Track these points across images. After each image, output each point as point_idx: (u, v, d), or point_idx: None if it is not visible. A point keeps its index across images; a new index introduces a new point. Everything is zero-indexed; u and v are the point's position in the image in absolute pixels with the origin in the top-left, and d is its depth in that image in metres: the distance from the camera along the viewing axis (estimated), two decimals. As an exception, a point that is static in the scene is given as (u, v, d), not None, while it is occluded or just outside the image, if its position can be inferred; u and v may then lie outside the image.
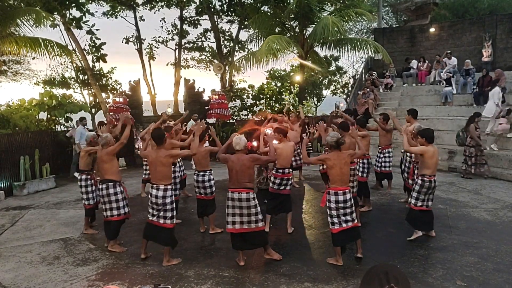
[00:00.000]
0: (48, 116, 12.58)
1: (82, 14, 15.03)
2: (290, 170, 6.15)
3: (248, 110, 16.55)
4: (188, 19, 19.64)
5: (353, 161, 6.20)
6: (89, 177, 6.26)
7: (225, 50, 19.49)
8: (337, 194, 4.74)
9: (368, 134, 7.10)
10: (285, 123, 8.90)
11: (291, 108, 14.00)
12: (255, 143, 6.73)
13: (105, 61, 16.21)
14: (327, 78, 22.63)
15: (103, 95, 15.73)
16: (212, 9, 18.42)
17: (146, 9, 18.98)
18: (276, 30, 16.21)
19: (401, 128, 6.78)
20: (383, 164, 7.93)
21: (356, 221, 4.90)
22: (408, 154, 7.10)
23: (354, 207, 4.90)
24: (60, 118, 12.79)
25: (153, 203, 4.96)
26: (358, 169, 6.60)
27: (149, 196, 5.01)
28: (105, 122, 8.70)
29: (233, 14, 18.90)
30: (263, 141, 6.07)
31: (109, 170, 5.37)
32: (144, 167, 8.43)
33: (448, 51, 14.32)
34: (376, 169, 8.02)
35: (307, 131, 9.55)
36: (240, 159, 4.77)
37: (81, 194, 6.36)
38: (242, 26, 18.76)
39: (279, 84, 17.78)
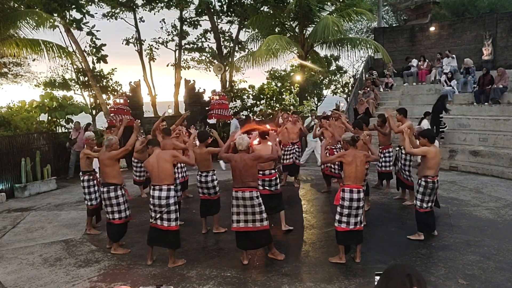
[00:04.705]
0: (49, 117, 12.58)
1: (82, 15, 15.03)
2: (272, 171, 6.09)
3: (248, 110, 16.53)
4: (188, 20, 19.61)
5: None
6: (91, 177, 6.29)
7: (225, 51, 19.46)
8: (352, 191, 4.76)
9: (370, 133, 7.11)
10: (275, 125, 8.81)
11: (291, 108, 14.00)
12: (255, 142, 6.74)
13: (106, 61, 16.20)
14: (327, 78, 22.59)
15: (104, 96, 15.70)
16: (212, 10, 18.39)
17: (146, 10, 18.96)
18: (276, 30, 16.20)
19: (396, 128, 6.77)
20: (383, 164, 7.93)
21: (362, 224, 4.88)
22: (403, 151, 7.10)
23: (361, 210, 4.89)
24: (60, 120, 12.79)
25: (155, 205, 4.87)
26: None
27: (151, 199, 4.92)
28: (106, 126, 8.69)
29: (233, 14, 18.89)
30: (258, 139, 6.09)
31: (110, 174, 5.35)
32: (134, 169, 8.46)
33: (446, 51, 14.31)
34: (378, 168, 8.02)
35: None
36: (243, 159, 4.79)
37: (84, 194, 6.38)
38: (242, 27, 18.73)
39: (279, 84, 17.74)
